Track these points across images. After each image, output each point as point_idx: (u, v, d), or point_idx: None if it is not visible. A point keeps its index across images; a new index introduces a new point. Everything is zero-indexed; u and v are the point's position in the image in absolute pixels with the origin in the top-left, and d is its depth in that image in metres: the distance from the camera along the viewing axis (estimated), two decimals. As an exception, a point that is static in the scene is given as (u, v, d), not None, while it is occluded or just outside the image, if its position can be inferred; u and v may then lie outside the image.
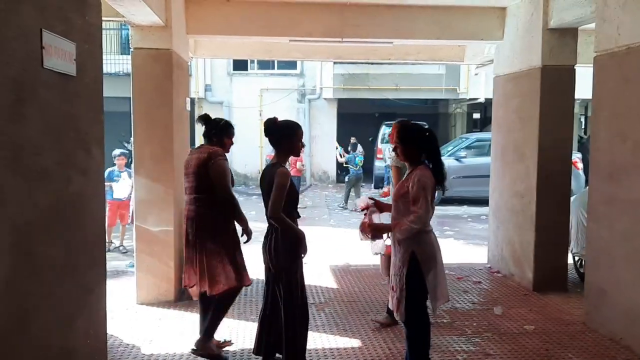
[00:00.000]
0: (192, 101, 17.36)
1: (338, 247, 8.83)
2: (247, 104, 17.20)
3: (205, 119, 4.54)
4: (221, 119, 4.61)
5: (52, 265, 2.26)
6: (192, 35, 6.68)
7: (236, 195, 4.53)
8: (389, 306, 4.62)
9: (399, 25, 6.66)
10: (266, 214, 3.78)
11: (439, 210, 12.82)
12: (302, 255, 3.84)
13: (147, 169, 5.62)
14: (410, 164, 3.80)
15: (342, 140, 16.31)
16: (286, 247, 3.80)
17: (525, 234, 6.37)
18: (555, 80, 6.02)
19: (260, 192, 3.99)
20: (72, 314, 2.53)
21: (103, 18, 3.14)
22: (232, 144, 4.54)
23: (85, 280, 2.71)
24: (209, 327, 4.41)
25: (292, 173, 14.21)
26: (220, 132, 4.47)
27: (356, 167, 13.25)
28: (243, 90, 17.46)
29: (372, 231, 3.85)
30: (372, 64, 15.96)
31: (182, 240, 5.90)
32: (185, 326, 5.11)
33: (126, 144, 19.21)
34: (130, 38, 5.53)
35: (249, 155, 16.99)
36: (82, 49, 2.58)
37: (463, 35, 6.92)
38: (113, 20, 5.80)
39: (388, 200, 4.90)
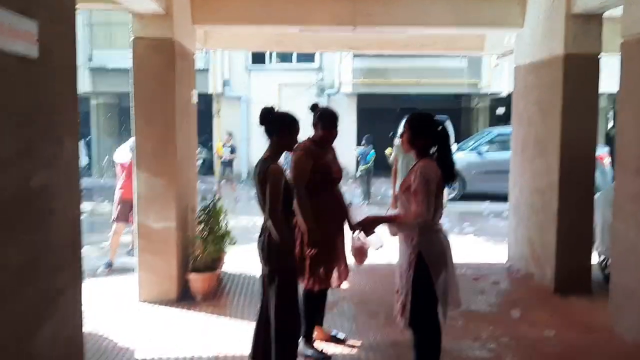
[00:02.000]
0: (210, 96, 17.30)
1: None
2: (265, 99, 16.95)
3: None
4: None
5: (4, 267, 2.06)
6: (199, 25, 6.47)
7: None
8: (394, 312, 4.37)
9: (413, 13, 6.35)
10: (262, 210, 3.55)
11: (459, 206, 12.52)
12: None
13: (148, 164, 5.43)
14: (417, 155, 3.53)
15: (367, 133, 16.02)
16: (280, 246, 3.56)
17: (546, 233, 6.02)
18: (579, 69, 5.66)
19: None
20: (34, 320, 2.32)
21: (100, 6, 2.94)
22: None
23: (51, 283, 2.50)
24: None
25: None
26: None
27: (367, 163, 13.12)
28: (261, 85, 17.27)
29: (363, 228, 3.56)
30: (392, 56, 15.60)
31: (185, 236, 5.79)
32: (187, 326, 4.93)
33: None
34: (130, 27, 5.34)
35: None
36: (48, 29, 2.37)
37: (481, 22, 6.57)
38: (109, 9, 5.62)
39: None
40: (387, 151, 10.87)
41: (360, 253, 3.89)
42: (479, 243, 8.87)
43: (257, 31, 7.65)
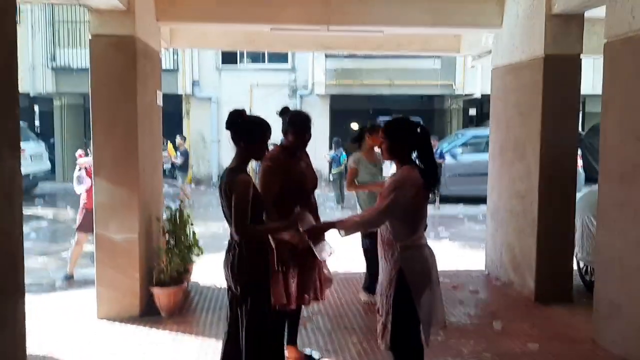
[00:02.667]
0: (179, 97, 16.83)
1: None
2: (237, 100, 16.56)
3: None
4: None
5: None
6: (164, 22, 6.11)
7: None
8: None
9: (389, 12, 6.10)
10: (229, 224, 3.23)
11: (433, 209, 12.35)
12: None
13: (108, 171, 5.05)
14: (397, 164, 3.26)
15: (339, 135, 15.82)
16: (253, 264, 3.25)
17: (526, 239, 5.84)
18: (559, 71, 5.49)
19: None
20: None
21: (53, 0, 2.60)
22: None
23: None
24: None
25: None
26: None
27: (340, 166, 12.88)
28: (232, 85, 16.86)
29: (311, 236, 3.24)
30: (365, 57, 15.41)
31: (149, 248, 5.42)
32: (149, 346, 4.57)
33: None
34: (88, 24, 4.97)
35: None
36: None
37: (459, 22, 6.37)
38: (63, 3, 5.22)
39: None
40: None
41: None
42: (455, 248, 8.70)
43: (226, 30, 7.31)
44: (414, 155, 3.24)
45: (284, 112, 4.06)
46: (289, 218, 3.36)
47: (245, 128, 3.28)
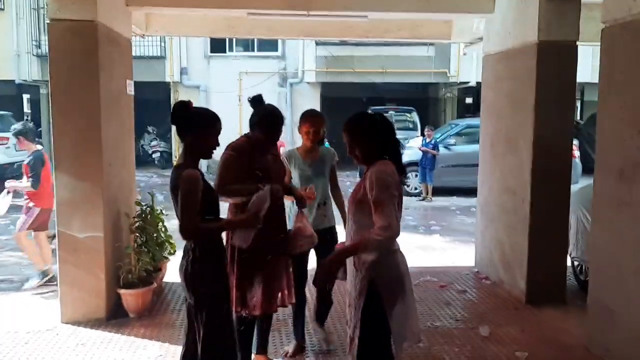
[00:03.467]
0: (168, 85, 16.44)
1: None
2: (226, 89, 16.22)
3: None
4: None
5: None
6: (135, 7, 5.73)
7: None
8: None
9: (374, -5, 5.74)
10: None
11: (424, 201, 12.05)
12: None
13: (68, 164, 4.71)
14: (364, 163, 2.93)
15: (330, 124, 15.43)
16: (207, 271, 2.94)
17: (517, 236, 5.53)
18: (554, 58, 5.14)
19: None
20: None
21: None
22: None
23: None
24: None
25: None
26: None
27: None
28: (221, 73, 16.46)
29: (330, 270, 2.81)
30: (356, 44, 15.03)
31: (117, 246, 5.10)
32: (113, 352, 4.27)
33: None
34: (45, 7, 4.60)
35: (228, 142, 16.04)
36: None
37: (448, 7, 6.01)
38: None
39: None
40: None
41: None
42: (445, 243, 8.41)
43: (204, 16, 6.93)
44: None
45: (256, 102, 3.72)
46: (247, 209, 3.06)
47: (190, 120, 2.94)
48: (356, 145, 2.87)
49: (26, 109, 20.29)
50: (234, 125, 16.11)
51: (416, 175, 12.79)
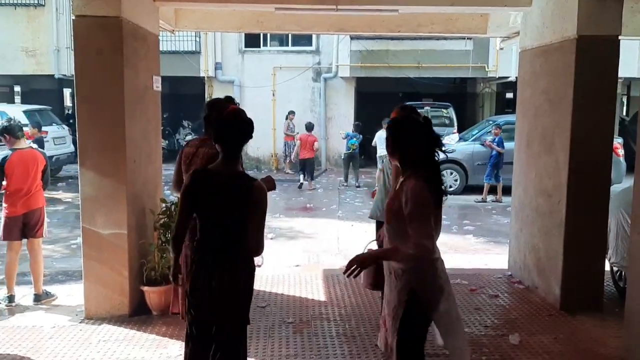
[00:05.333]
0: (202, 80, 16.52)
1: (340, 245, 7.87)
2: (260, 83, 16.20)
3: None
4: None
5: None
6: (163, 2, 5.71)
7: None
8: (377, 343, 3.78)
9: (406, -11, 5.56)
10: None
11: (460, 200, 11.76)
12: None
13: (93, 161, 4.73)
14: (402, 166, 2.87)
15: (365, 118, 15.45)
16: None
17: (552, 240, 5.29)
18: (594, 53, 4.88)
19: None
20: None
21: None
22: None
23: None
24: None
25: (306, 155, 13.38)
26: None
27: (348, 149, 13.46)
28: (255, 68, 16.43)
29: (359, 264, 2.76)
30: (392, 39, 14.76)
31: (141, 243, 5.09)
32: (133, 351, 4.26)
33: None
34: (71, 4, 4.61)
35: (261, 137, 16.04)
36: None
37: (484, 0, 5.78)
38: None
39: None
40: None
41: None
42: (479, 245, 8.16)
43: (232, 11, 6.87)
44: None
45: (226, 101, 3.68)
46: None
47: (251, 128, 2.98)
48: (398, 149, 2.84)
49: (68, 102, 20.83)
50: (268, 119, 16.15)
51: (451, 173, 12.51)
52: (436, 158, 2.85)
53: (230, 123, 2.84)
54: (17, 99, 19.68)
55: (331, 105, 16.69)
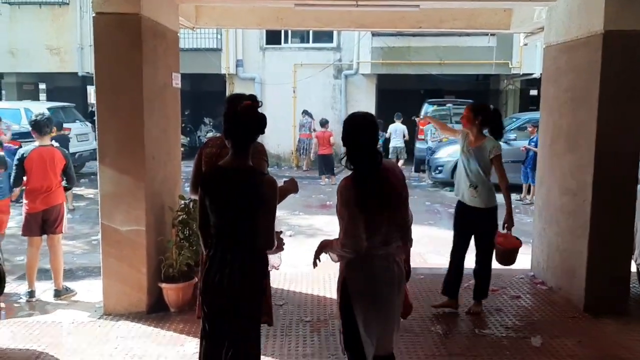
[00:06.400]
0: (223, 77, 16.58)
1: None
2: (280, 81, 16.20)
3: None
4: None
5: None
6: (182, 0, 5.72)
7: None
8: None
9: (427, -16, 5.47)
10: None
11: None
12: None
13: (112, 158, 4.75)
14: None
15: (386, 116, 15.34)
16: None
17: (576, 240, 5.16)
18: (621, 49, 4.73)
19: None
20: None
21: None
22: None
23: None
24: None
25: (325, 151, 13.34)
26: None
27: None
28: (276, 65, 16.42)
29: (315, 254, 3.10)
30: (413, 35, 14.62)
31: (160, 240, 5.09)
32: (150, 347, 4.26)
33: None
34: (91, 0, 4.62)
35: (281, 134, 16.08)
36: None
37: (506, -5, 5.66)
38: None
39: None
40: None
41: None
42: (501, 243, 7.99)
43: (252, 7, 6.85)
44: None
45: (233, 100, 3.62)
46: None
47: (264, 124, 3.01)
48: None
49: (91, 100, 21.11)
50: (289, 116, 16.15)
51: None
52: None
53: (239, 118, 2.82)
54: (42, 96, 20.03)
55: (352, 102, 16.60)
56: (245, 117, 2.83)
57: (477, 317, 4.91)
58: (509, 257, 4.92)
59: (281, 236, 3.20)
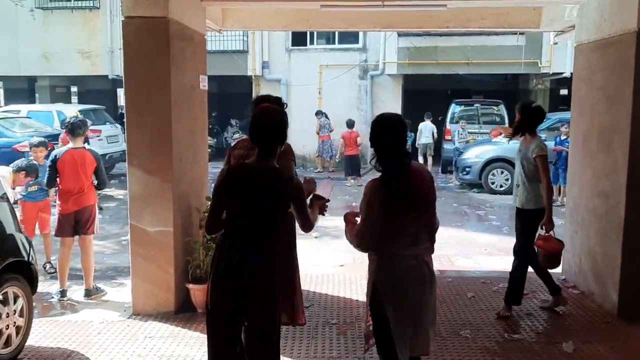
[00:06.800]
0: (249, 79, 16.68)
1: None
2: (306, 82, 16.22)
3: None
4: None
5: None
6: (210, 2, 5.76)
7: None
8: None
9: (455, -17, 5.40)
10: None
11: (510, 200, 11.32)
12: None
13: (141, 160, 4.81)
14: None
15: (413, 118, 15.27)
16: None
17: (610, 244, 5.03)
18: (656, 47, 4.60)
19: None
20: None
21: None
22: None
23: None
24: None
25: (351, 152, 13.33)
26: None
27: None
28: (302, 66, 16.45)
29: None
30: (440, 35, 14.49)
31: (184, 242, 5.13)
32: (177, 348, 4.30)
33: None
34: (120, 5, 4.69)
35: (307, 136, 16.10)
36: None
37: (536, -7, 5.56)
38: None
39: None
40: None
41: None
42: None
43: (278, 9, 6.87)
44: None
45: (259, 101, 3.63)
46: None
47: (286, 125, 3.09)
48: None
49: (121, 102, 21.48)
50: (314, 118, 16.15)
51: (502, 172, 12.18)
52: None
53: (256, 120, 2.91)
54: (74, 99, 20.44)
55: (378, 103, 16.51)
56: (261, 119, 2.89)
57: (507, 322, 4.82)
58: (550, 260, 4.85)
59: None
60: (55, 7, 16.88)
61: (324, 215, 3.28)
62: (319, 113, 15.32)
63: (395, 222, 2.82)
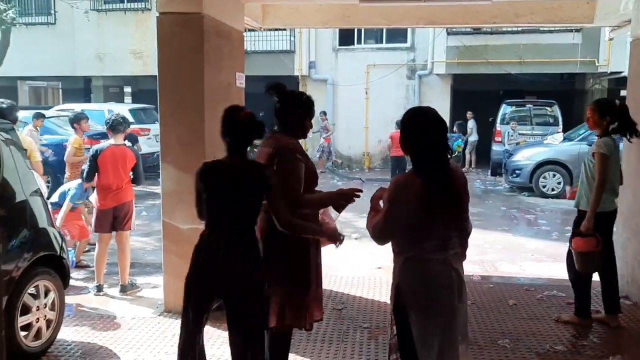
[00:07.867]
0: (296, 79, 16.67)
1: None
2: (353, 82, 16.07)
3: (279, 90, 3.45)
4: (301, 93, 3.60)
5: None
6: (248, -1, 5.72)
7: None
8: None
9: (500, -25, 5.16)
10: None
11: (564, 204, 10.92)
12: None
13: (174, 157, 4.80)
14: None
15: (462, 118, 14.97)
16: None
17: (666, 252, 4.68)
18: None
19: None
20: None
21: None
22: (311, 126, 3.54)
23: None
24: None
25: (398, 153, 13.09)
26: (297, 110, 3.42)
27: (454, 152, 12.54)
28: (349, 66, 16.32)
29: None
30: (490, 33, 14.07)
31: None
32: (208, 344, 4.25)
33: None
34: (156, 1, 4.70)
35: (354, 136, 15.96)
36: None
37: (589, -15, 5.24)
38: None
39: None
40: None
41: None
42: (580, 253, 7.46)
43: (318, 6, 6.77)
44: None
45: (277, 90, 3.51)
46: None
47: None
48: None
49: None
50: (361, 118, 16.00)
51: (554, 175, 11.70)
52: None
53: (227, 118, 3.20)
54: (127, 98, 21.01)
55: (425, 103, 16.16)
56: (230, 116, 3.25)
57: (551, 332, 4.55)
58: (582, 261, 4.47)
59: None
60: (109, 9, 17.38)
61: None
62: (323, 114, 15.13)
63: (424, 224, 2.64)
